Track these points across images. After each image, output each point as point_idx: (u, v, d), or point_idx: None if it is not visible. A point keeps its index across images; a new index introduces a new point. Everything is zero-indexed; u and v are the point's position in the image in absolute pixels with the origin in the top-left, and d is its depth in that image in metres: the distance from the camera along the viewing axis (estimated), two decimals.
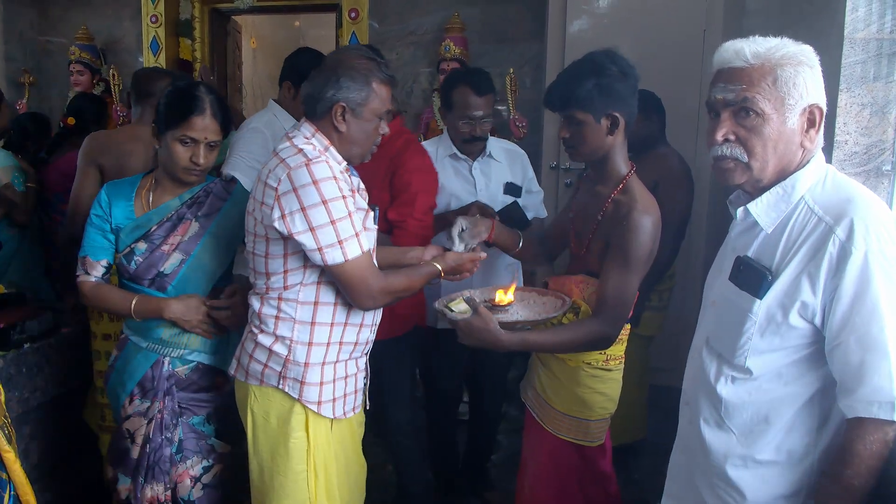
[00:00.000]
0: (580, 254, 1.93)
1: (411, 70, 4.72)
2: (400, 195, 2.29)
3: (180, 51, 4.87)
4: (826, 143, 1.43)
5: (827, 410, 1.31)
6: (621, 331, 1.83)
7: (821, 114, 1.30)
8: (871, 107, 2.00)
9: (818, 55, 1.31)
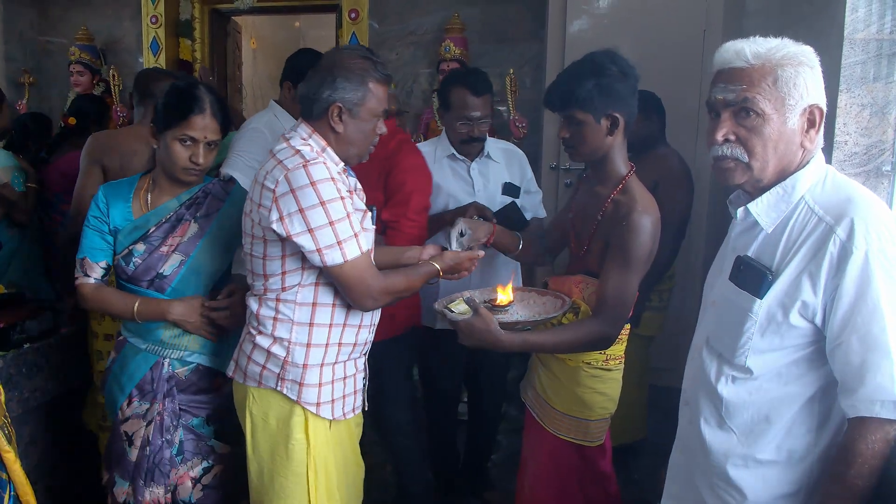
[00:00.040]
0: (580, 254, 1.93)
1: (411, 70, 4.72)
2: (394, 195, 2.29)
3: (180, 51, 4.87)
4: (826, 144, 1.43)
5: (827, 410, 1.31)
6: (621, 331, 1.83)
7: (821, 114, 1.31)
8: (870, 107, 2.00)
9: (818, 56, 1.31)
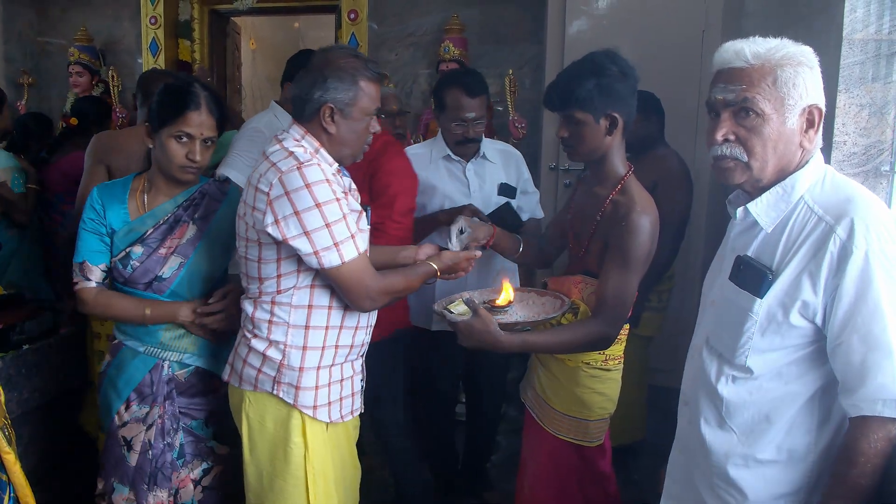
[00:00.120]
0: (579, 254, 1.93)
1: (410, 71, 4.72)
2: (378, 197, 2.27)
3: (179, 52, 4.87)
4: (825, 144, 1.43)
5: (828, 409, 1.31)
6: (620, 331, 1.84)
7: (820, 114, 1.31)
8: (869, 107, 2.00)
9: (817, 56, 1.31)
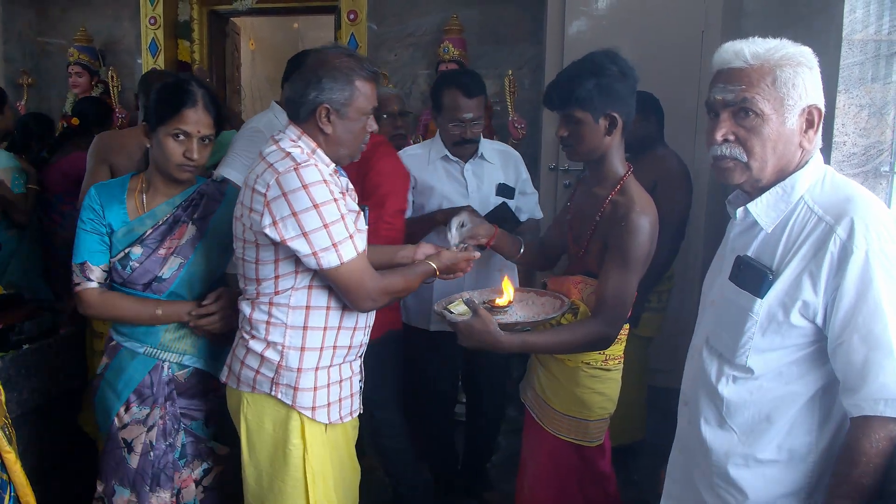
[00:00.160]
0: (578, 255, 1.93)
1: (410, 71, 4.72)
2: (369, 198, 2.26)
3: (179, 52, 4.86)
4: (824, 144, 1.43)
5: (828, 408, 1.31)
6: (620, 331, 1.84)
7: (819, 114, 1.31)
8: (869, 108, 2.01)
9: (817, 56, 1.32)
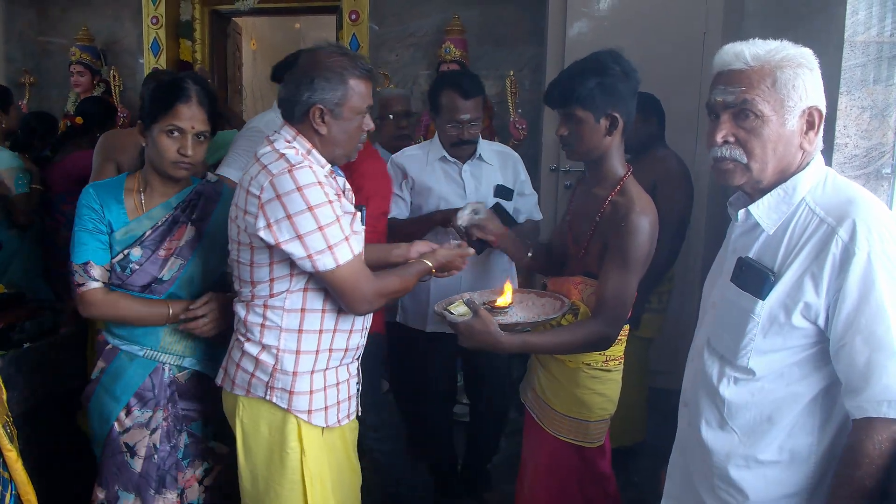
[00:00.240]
0: (578, 255, 1.93)
1: (411, 72, 4.72)
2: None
3: (181, 52, 4.87)
4: (826, 146, 1.43)
5: (829, 410, 1.31)
6: (620, 331, 1.84)
7: (820, 116, 1.31)
8: (870, 110, 2.00)
9: (818, 58, 1.31)
